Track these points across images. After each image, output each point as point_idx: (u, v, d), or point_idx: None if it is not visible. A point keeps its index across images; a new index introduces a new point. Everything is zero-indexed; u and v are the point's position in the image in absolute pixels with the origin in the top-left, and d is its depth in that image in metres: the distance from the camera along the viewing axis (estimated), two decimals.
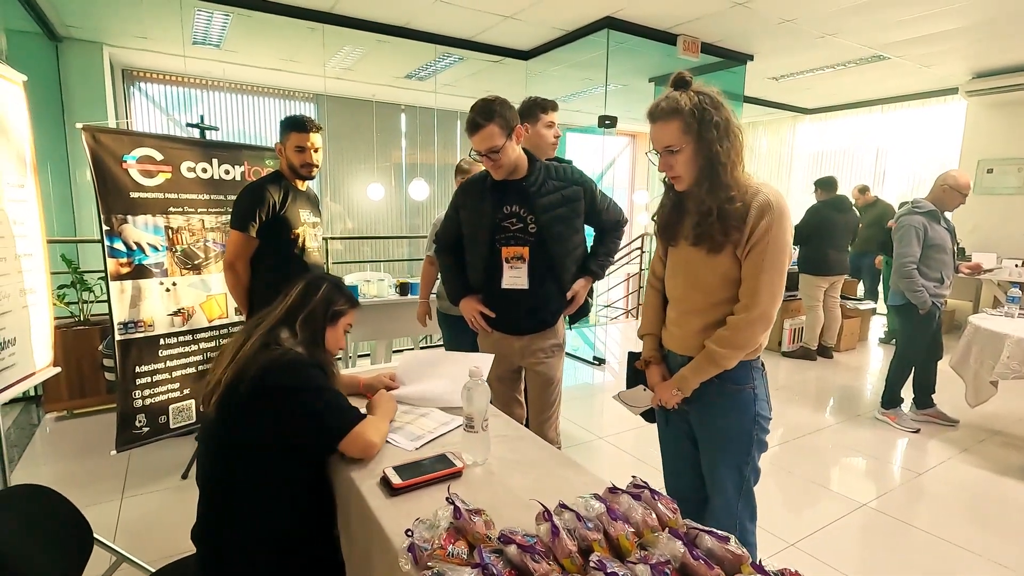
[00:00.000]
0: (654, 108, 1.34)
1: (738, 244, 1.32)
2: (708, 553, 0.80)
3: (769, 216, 1.29)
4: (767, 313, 1.33)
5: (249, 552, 1.18)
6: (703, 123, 1.28)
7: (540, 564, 0.78)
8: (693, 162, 1.33)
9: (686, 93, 1.31)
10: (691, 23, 4.53)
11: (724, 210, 1.31)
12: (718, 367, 1.39)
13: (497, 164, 1.80)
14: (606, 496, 0.93)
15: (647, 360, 1.59)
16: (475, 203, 1.93)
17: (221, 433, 1.18)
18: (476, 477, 1.18)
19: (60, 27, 4.75)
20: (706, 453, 1.52)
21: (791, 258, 1.34)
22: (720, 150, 1.29)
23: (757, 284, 1.32)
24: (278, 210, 2.19)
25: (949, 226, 3.31)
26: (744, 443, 1.43)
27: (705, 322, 1.41)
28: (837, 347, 5.23)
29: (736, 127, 1.32)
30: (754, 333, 1.35)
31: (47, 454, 3.05)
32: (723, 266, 1.35)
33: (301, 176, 2.31)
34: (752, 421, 1.43)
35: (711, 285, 1.38)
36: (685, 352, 1.47)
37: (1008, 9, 4.03)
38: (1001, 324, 3.04)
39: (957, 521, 2.46)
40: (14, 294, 1.65)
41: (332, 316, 1.35)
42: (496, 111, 1.74)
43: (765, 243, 1.29)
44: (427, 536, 0.87)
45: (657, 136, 1.35)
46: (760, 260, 1.31)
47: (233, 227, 2.19)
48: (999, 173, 6.05)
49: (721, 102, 1.31)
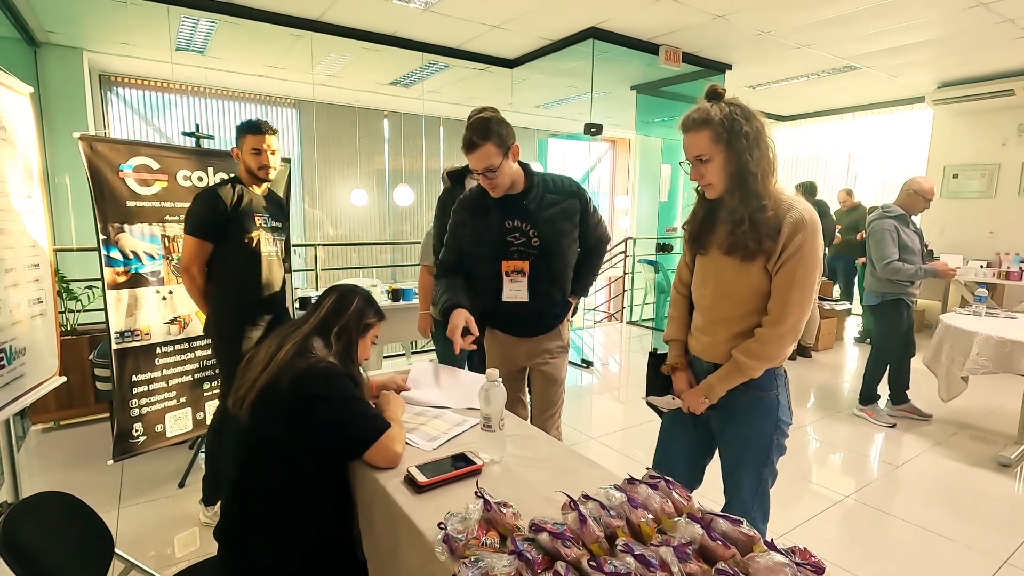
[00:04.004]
0: (686, 119, 1.39)
1: (770, 256, 1.35)
2: (724, 535, 0.88)
3: (803, 233, 1.32)
4: (796, 328, 1.37)
5: (273, 550, 1.22)
6: (733, 133, 1.33)
7: (571, 549, 0.85)
8: (724, 171, 1.37)
9: (717, 104, 1.36)
10: (672, 34, 4.67)
11: (756, 219, 1.34)
12: (745, 376, 1.43)
13: (494, 183, 1.80)
14: (625, 487, 1.00)
15: (673, 366, 1.62)
16: (480, 220, 1.92)
17: (253, 436, 1.21)
18: (495, 474, 1.24)
19: (39, 32, 4.68)
20: (727, 455, 1.57)
21: (821, 274, 1.38)
22: (750, 159, 1.33)
23: (788, 299, 1.35)
24: (230, 214, 2.17)
25: (917, 229, 3.49)
26: (765, 447, 1.48)
27: (732, 331, 1.45)
28: (815, 347, 5.41)
29: (768, 139, 1.36)
30: (782, 346, 1.39)
31: (35, 467, 3.00)
32: (753, 278, 1.39)
33: (258, 179, 2.28)
34: (774, 426, 1.47)
35: (740, 296, 1.42)
36: (712, 359, 1.51)
37: (969, 24, 4.25)
38: (970, 323, 3.20)
39: (932, 510, 2.59)
40: (24, 304, 1.65)
41: (363, 328, 1.41)
42: (493, 129, 1.74)
43: (797, 259, 1.33)
44: (460, 528, 0.93)
45: (689, 145, 1.39)
46: (792, 276, 1.34)
47: (186, 232, 2.18)
48: (964, 178, 6.33)
49: (752, 113, 1.35)
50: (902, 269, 3.31)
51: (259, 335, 2.26)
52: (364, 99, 7.32)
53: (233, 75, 6.06)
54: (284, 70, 5.85)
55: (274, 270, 2.35)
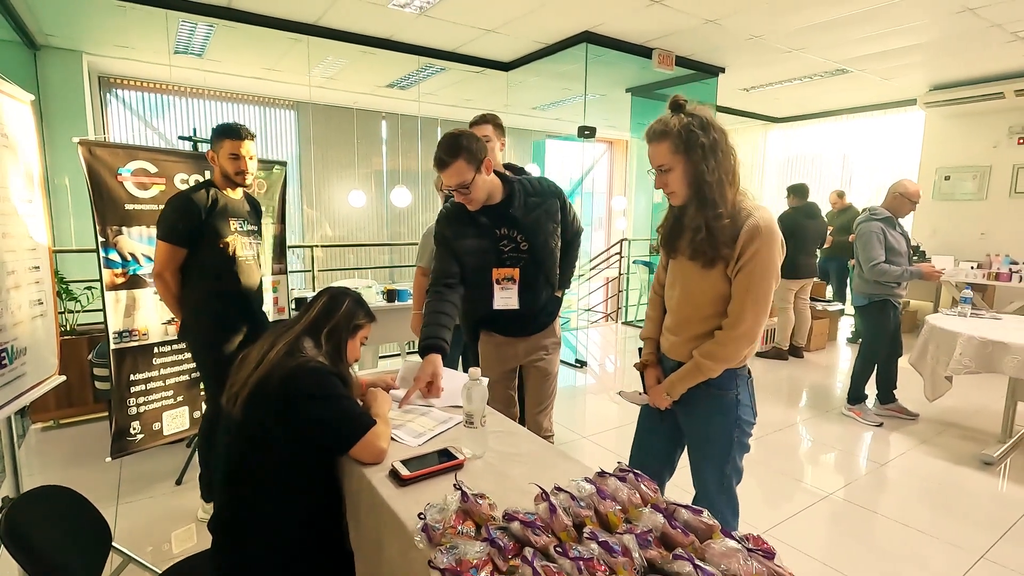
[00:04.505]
0: (648, 130, 1.45)
1: (729, 262, 1.41)
2: (685, 524, 0.93)
3: (759, 240, 1.37)
4: (751, 331, 1.43)
5: (265, 542, 1.27)
6: (690, 143, 1.38)
7: (540, 537, 0.90)
8: (684, 180, 1.42)
9: (677, 115, 1.41)
10: (665, 38, 4.72)
11: (712, 226, 1.39)
12: (703, 376, 1.50)
13: (469, 198, 1.81)
14: (595, 479, 1.05)
15: (644, 363, 1.70)
16: (473, 232, 1.91)
17: (245, 432, 1.27)
18: (476, 468, 1.29)
19: (39, 36, 4.73)
20: (692, 452, 1.64)
21: (778, 280, 1.43)
22: (706, 169, 1.38)
23: (744, 303, 1.41)
24: (204, 219, 2.14)
25: (903, 231, 3.55)
26: (725, 445, 1.54)
27: (696, 332, 1.51)
28: (807, 347, 5.46)
29: (727, 148, 1.40)
30: (738, 348, 1.45)
31: (35, 464, 3.05)
32: (715, 282, 1.45)
33: (235, 184, 2.25)
34: (734, 425, 1.53)
35: (703, 299, 1.48)
36: (677, 358, 1.57)
37: (958, 28, 4.31)
38: (955, 323, 3.26)
39: (917, 507, 2.65)
40: (25, 305, 1.71)
41: (353, 329, 1.46)
42: (463, 146, 1.74)
43: (753, 265, 1.38)
44: (438, 518, 0.98)
45: (651, 156, 1.45)
46: (748, 281, 1.40)
47: (158, 237, 2.15)
48: (956, 180, 6.39)
49: (711, 123, 1.40)
50: (888, 271, 3.37)
51: (239, 339, 2.25)
52: (362, 101, 7.38)
53: (231, 77, 6.12)
54: (282, 72, 5.91)
55: (251, 274, 2.33)
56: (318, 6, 4.06)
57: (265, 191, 3.27)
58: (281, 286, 3.43)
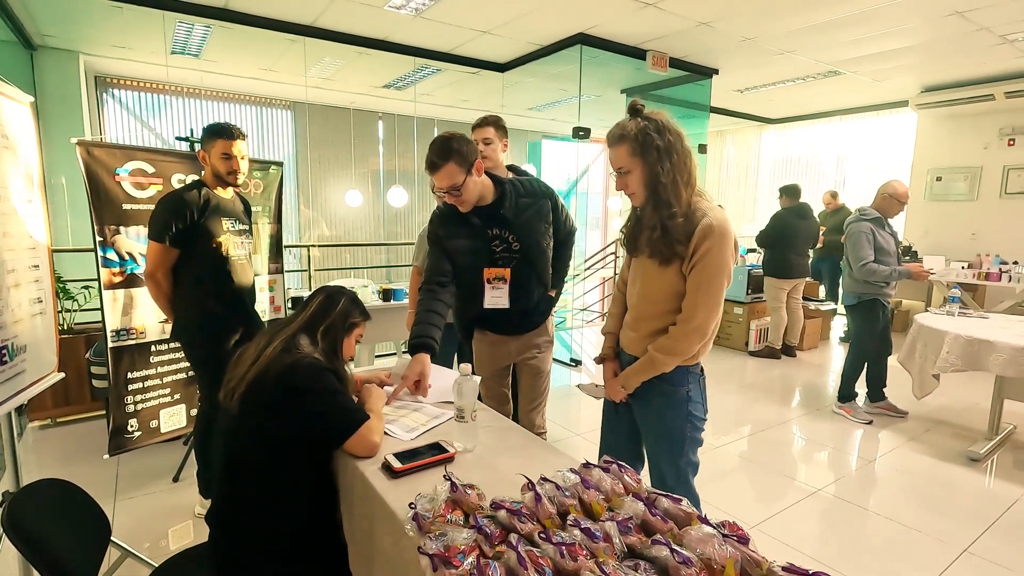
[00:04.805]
0: (609, 134, 1.53)
1: (683, 260, 1.47)
2: (665, 511, 0.97)
3: (711, 239, 1.43)
4: (703, 326, 1.48)
5: (261, 533, 1.31)
6: (646, 146, 1.45)
7: (525, 524, 0.94)
8: (641, 181, 1.50)
9: (634, 120, 1.48)
10: (659, 40, 4.76)
11: (666, 225, 1.46)
12: (657, 370, 1.55)
13: (460, 200, 1.84)
14: (580, 470, 1.09)
15: (603, 357, 1.77)
16: (465, 232, 1.93)
17: (242, 426, 1.30)
18: (467, 461, 1.33)
19: (36, 36, 4.75)
20: (648, 446, 1.70)
21: (730, 279, 1.49)
22: (661, 171, 1.45)
23: (696, 300, 1.47)
24: (196, 219, 2.14)
25: (892, 231, 3.60)
26: (679, 439, 1.60)
27: (652, 328, 1.57)
28: (800, 346, 5.51)
29: (681, 150, 1.47)
30: (690, 343, 1.51)
31: (33, 463, 3.07)
32: (671, 279, 1.51)
33: (227, 183, 2.25)
34: (685, 420, 1.58)
35: (659, 296, 1.54)
36: (634, 352, 1.63)
37: (948, 31, 4.36)
38: (942, 322, 3.31)
39: (904, 502, 2.69)
40: (25, 303, 1.74)
41: (348, 327, 1.50)
42: (453, 148, 1.76)
43: (705, 263, 1.44)
44: (428, 507, 1.02)
45: (611, 159, 1.54)
46: (699, 278, 1.46)
47: (150, 237, 2.15)
48: (947, 181, 6.45)
49: (666, 127, 1.46)
50: (877, 270, 3.41)
51: (234, 338, 2.26)
52: (358, 101, 7.41)
53: (228, 77, 6.14)
54: (278, 73, 5.93)
55: (244, 273, 2.33)
56: (315, 7, 4.09)
57: (262, 191, 3.30)
58: (277, 285, 3.46)
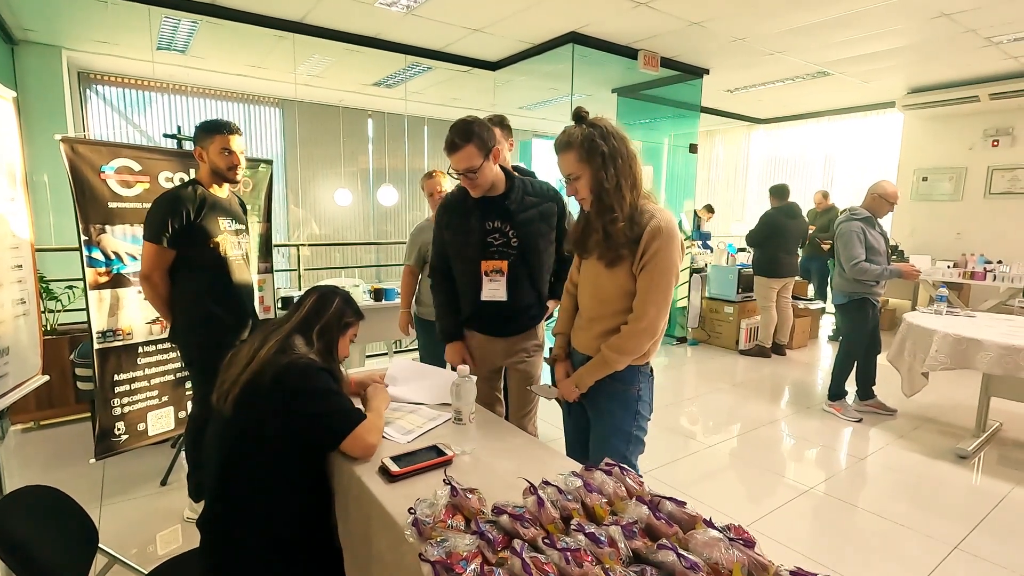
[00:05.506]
0: (556, 141, 1.54)
1: (633, 260, 1.50)
2: (669, 515, 0.96)
3: (659, 240, 1.46)
4: (653, 325, 1.51)
5: (255, 538, 1.28)
6: (591, 152, 1.47)
7: (528, 529, 0.92)
8: (588, 186, 1.51)
9: (580, 126, 1.50)
10: (651, 39, 4.77)
11: (608, 230, 1.49)
12: (610, 369, 1.57)
13: (474, 183, 1.86)
14: (582, 473, 1.08)
15: (555, 357, 1.78)
16: (461, 221, 1.97)
17: (236, 429, 1.27)
18: (465, 464, 1.31)
19: (17, 31, 4.65)
20: (593, 442, 1.70)
21: (678, 278, 1.53)
22: (605, 176, 1.47)
23: (646, 299, 1.49)
24: (193, 219, 2.09)
25: (882, 231, 3.63)
26: (624, 439, 1.62)
27: (604, 328, 1.59)
28: (790, 345, 5.55)
29: (626, 154, 1.49)
30: (640, 342, 1.53)
31: (15, 467, 3.00)
32: (621, 280, 1.53)
33: (226, 179, 2.20)
34: (633, 419, 1.61)
35: (609, 296, 1.57)
36: (587, 352, 1.65)
37: (934, 33, 4.41)
38: (931, 321, 3.34)
39: (894, 500, 2.71)
40: (8, 304, 1.69)
41: (343, 327, 1.49)
42: (475, 132, 1.78)
43: (654, 264, 1.47)
44: (428, 512, 1.00)
45: (560, 165, 1.56)
46: (649, 278, 1.48)
47: (145, 239, 2.08)
48: (933, 181, 6.53)
49: (611, 132, 1.48)
50: (869, 269, 3.44)
51: (235, 339, 2.21)
52: (348, 99, 7.34)
53: (215, 74, 6.06)
54: (267, 70, 5.86)
55: (242, 273, 2.30)
56: (304, 4, 4.04)
57: (251, 189, 3.25)
58: (267, 285, 3.42)
